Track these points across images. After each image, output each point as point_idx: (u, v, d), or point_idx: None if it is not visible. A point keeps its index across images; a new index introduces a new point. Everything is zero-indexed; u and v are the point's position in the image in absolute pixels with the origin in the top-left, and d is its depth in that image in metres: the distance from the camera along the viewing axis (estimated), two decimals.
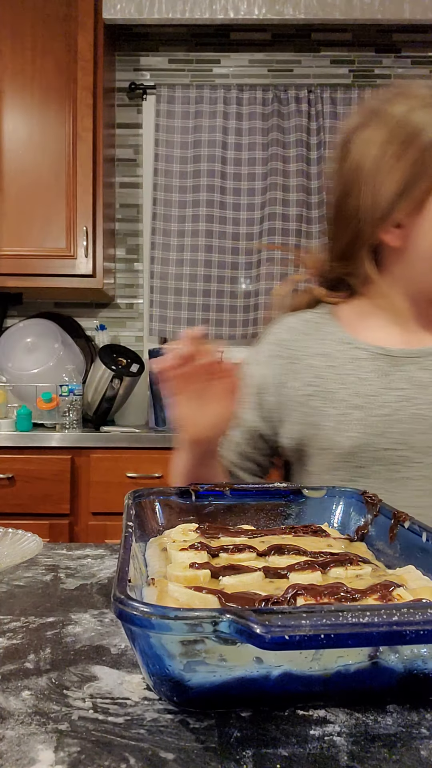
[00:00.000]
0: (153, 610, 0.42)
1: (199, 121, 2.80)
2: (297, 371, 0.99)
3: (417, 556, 0.63)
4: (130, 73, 2.91)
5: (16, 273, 2.54)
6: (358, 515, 0.76)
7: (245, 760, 0.41)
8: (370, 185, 0.91)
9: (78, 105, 2.54)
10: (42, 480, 2.26)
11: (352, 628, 0.40)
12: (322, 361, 0.98)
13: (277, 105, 2.79)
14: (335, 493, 0.80)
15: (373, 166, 0.91)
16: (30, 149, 2.56)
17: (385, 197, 0.90)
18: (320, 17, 2.57)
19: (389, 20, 2.60)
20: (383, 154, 0.90)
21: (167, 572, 0.58)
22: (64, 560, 0.86)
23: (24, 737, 0.44)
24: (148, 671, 0.47)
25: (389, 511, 0.70)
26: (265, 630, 0.39)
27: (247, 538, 0.69)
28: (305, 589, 0.51)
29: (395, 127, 0.90)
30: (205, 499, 0.79)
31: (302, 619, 0.40)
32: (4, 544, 0.81)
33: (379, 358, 0.95)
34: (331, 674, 0.45)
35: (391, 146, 0.89)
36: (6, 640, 0.60)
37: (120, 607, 0.43)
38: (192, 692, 0.45)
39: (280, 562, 0.61)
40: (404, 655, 0.46)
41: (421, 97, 0.91)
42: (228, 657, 0.44)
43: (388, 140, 0.90)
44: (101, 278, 2.56)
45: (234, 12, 2.58)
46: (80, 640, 0.60)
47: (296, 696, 0.47)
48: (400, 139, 0.89)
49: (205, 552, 0.62)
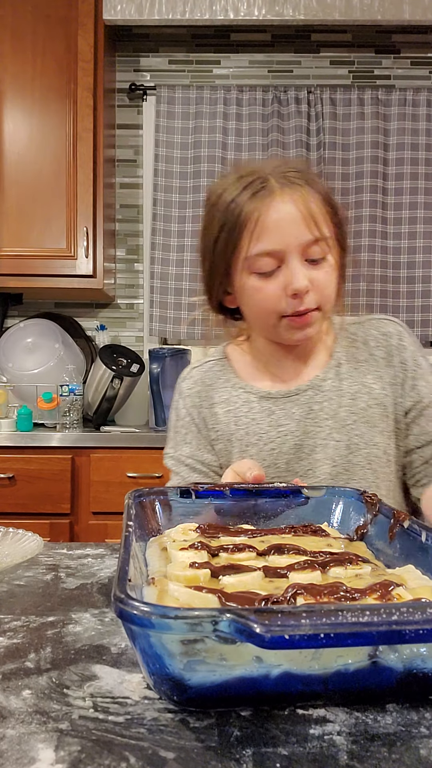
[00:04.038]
0: (153, 609, 0.42)
1: (199, 121, 2.80)
2: (207, 418, 1.10)
3: (416, 555, 0.63)
4: (130, 74, 2.91)
5: (16, 273, 2.54)
6: (358, 515, 0.77)
7: (245, 759, 0.41)
8: (202, 261, 1.04)
9: (78, 106, 2.54)
10: (42, 480, 2.26)
11: (351, 627, 0.40)
12: (223, 407, 1.09)
13: (276, 106, 2.79)
14: (335, 492, 0.81)
15: (200, 245, 1.04)
16: (30, 150, 2.56)
17: (206, 275, 1.04)
18: (320, 18, 2.57)
19: (389, 21, 2.61)
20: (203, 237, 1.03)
21: (167, 572, 0.58)
22: (64, 560, 0.86)
23: (24, 736, 0.44)
24: (148, 671, 0.47)
25: (389, 511, 0.70)
26: (264, 629, 0.39)
27: (247, 537, 0.69)
28: (305, 588, 0.51)
29: (211, 211, 1.00)
30: (206, 498, 0.79)
31: (302, 618, 0.40)
32: (4, 543, 0.81)
33: (264, 400, 1.07)
34: (330, 673, 0.46)
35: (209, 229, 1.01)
36: (6, 640, 0.60)
37: (120, 606, 0.43)
38: (192, 691, 0.45)
39: (279, 562, 0.61)
40: (404, 654, 0.46)
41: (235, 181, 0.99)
42: (228, 656, 0.44)
43: (204, 226, 1.02)
44: (101, 278, 2.56)
45: (234, 13, 2.58)
46: (80, 639, 0.60)
47: (296, 695, 0.47)
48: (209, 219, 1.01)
49: (205, 551, 0.62)
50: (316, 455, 1.04)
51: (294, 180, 0.95)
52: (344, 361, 1.07)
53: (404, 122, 2.78)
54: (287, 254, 0.94)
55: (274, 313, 0.97)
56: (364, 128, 2.79)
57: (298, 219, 0.93)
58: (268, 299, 0.96)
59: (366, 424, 1.03)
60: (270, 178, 0.95)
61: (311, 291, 0.95)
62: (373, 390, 1.05)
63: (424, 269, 2.78)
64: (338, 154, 2.80)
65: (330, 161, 2.79)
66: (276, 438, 1.05)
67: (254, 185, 0.95)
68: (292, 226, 0.93)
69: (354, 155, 2.79)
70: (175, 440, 1.12)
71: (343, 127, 2.80)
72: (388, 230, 2.79)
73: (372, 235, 2.77)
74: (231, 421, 1.08)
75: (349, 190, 2.79)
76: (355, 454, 1.02)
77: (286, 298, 0.95)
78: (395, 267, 2.79)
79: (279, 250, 0.94)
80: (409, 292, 2.79)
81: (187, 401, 1.12)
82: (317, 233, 0.94)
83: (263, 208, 0.93)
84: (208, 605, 0.49)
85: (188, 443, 1.10)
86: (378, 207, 2.78)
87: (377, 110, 2.78)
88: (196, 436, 1.10)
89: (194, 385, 1.12)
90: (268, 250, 0.94)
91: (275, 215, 0.93)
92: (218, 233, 0.97)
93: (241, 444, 1.06)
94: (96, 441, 2.30)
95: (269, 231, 0.93)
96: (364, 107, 2.79)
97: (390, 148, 2.79)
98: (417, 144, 2.77)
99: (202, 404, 1.11)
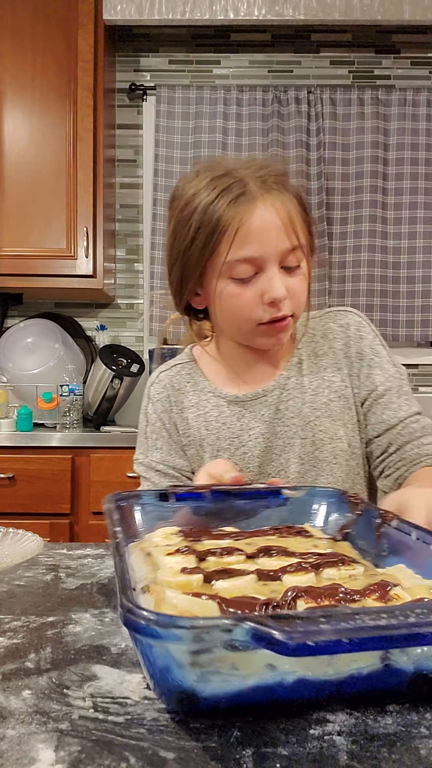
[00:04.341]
0: (169, 620, 0.40)
1: (199, 122, 2.80)
2: (177, 423, 1.09)
3: (405, 554, 0.63)
4: (130, 74, 2.91)
5: (16, 273, 2.54)
6: (339, 515, 0.77)
7: (245, 760, 0.41)
8: (172, 263, 1.02)
9: (78, 106, 2.54)
10: (42, 480, 2.26)
11: (373, 631, 0.39)
12: (193, 412, 1.09)
13: (276, 106, 2.79)
14: (315, 493, 0.81)
15: (169, 246, 1.02)
16: (30, 150, 2.56)
17: (176, 277, 1.01)
18: (320, 18, 2.57)
19: (389, 21, 2.61)
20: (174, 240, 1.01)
21: (157, 578, 0.57)
22: (64, 560, 0.86)
23: (24, 736, 0.44)
24: (159, 683, 0.45)
25: (374, 511, 0.70)
26: (287, 636, 0.38)
27: (231, 540, 0.68)
28: (305, 591, 0.51)
29: (183, 212, 0.98)
30: (185, 501, 0.78)
31: (322, 623, 0.39)
32: (4, 543, 0.81)
33: (234, 404, 1.07)
34: (344, 678, 0.45)
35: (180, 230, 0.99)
36: (6, 640, 0.60)
37: (132, 618, 0.41)
38: (205, 703, 0.44)
39: (271, 565, 0.60)
40: (414, 655, 0.46)
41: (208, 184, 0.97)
42: (240, 665, 0.43)
43: (174, 228, 1.00)
44: (101, 278, 2.56)
45: (234, 13, 2.58)
46: (80, 639, 0.60)
47: (309, 702, 0.46)
48: (183, 223, 0.98)
49: (193, 556, 0.62)
50: (286, 455, 1.04)
51: (272, 185, 0.95)
52: (305, 357, 1.07)
53: (404, 122, 2.78)
54: (266, 262, 0.94)
55: (250, 320, 0.97)
56: (364, 128, 2.79)
57: (279, 227, 0.93)
58: (245, 306, 0.96)
59: (329, 419, 1.03)
60: (249, 183, 0.94)
61: (287, 299, 0.95)
62: (334, 383, 1.05)
63: (424, 269, 2.78)
64: (338, 154, 2.80)
65: (330, 161, 2.79)
66: (247, 441, 1.05)
67: (233, 189, 0.94)
68: (273, 234, 0.93)
69: (354, 155, 2.79)
70: (145, 446, 1.11)
71: (343, 127, 2.80)
72: (388, 230, 2.79)
73: (372, 235, 2.77)
74: (202, 426, 1.07)
75: (349, 190, 2.79)
76: (321, 450, 1.03)
77: (262, 305, 0.95)
78: (395, 267, 2.79)
79: (258, 257, 0.93)
80: (409, 292, 2.79)
81: (157, 406, 1.11)
82: (296, 241, 0.94)
83: (245, 215, 0.92)
84: (208, 612, 0.48)
85: (159, 449, 1.10)
86: (378, 207, 2.78)
87: (377, 110, 2.78)
88: (167, 441, 1.10)
89: (163, 390, 1.11)
90: (247, 257, 0.93)
91: (257, 223, 0.92)
92: (194, 236, 0.96)
93: (213, 449, 1.06)
94: (96, 441, 2.30)
95: (250, 238, 0.92)
96: (364, 107, 2.79)
97: (390, 148, 2.79)
98: (417, 144, 2.78)
99: (172, 409, 1.10)
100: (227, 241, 0.93)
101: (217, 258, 0.95)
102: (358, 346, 1.06)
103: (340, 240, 2.80)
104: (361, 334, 1.06)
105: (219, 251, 0.94)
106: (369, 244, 2.77)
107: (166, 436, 1.10)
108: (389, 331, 2.79)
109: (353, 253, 2.79)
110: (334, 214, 2.80)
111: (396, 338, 2.80)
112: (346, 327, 1.07)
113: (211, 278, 0.97)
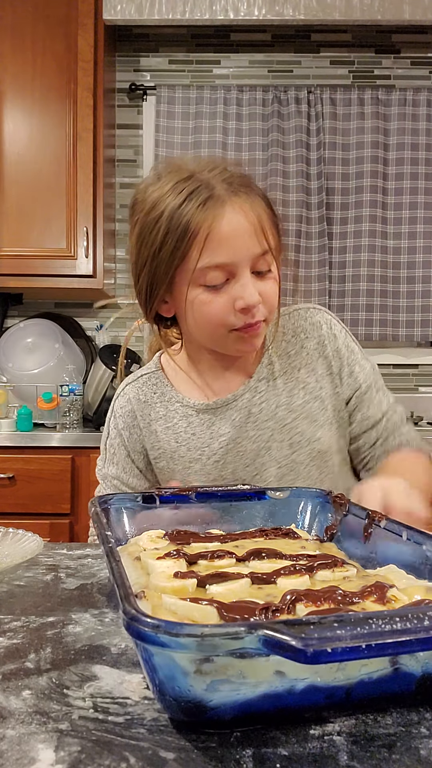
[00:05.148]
0: (179, 629, 0.39)
1: (199, 121, 2.80)
2: (145, 437, 1.07)
3: (394, 554, 0.62)
4: (130, 74, 2.91)
5: (16, 273, 2.54)
6: (325, 515, 0.77)
7: (245, 760, 0.41)
8: (139, 270, 0.99)
9: (78, 105, 2.54)
10: (42, 480, 2.26)
11: (390, 636, 0.39)
12: (161, 424, 1.06)
13: (276, 106, 2.79)
14: (299, 493, 0.81)
15: (135, 253, 0.99)
16: (30, 150, 2.56)
17: (144, 285, 0.99)
18: (320, 18, 2.57)
19: (389, 21, 2.60)
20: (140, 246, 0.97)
21: (150, 583, 0.56)
22: (64, 560, 0.86)
23: (24, 737, 0.44)
24: (163, 692, 0.44)
25: (361, 511, 0.70)
26: (303, 643, 0.37)
27: (220, 543, 0.68)
28: (303, 594, 0.50)
29: (148, 216, 0.95)
30: (170, 503, 0.78)
31: (336, 629, 0.38)
32: (4, 543, 0.81)
33: (203, 412, 1.05)
34: (354, 683, 0.45)
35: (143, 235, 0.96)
36: (6, 640, 0.60)
37: (138, 626, 0.40)
38: (212, 713, 0.43)
39: (262, 568, 0.60)
40: (423, 658, 0.45)
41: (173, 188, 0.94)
42: (248, 672, 0.42)
43: (139, 233, 0.97)
44: (101, 278, 2.56)
45: (234, 13, 2.58)
46: (80, 639, 0.60)
47: (319, 707, 0.45)
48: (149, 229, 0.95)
49: (183, 560, 0.61)
50: (261, 459, 1.02)
51: (239, 188, 0.93)
52: (276, 358, 1.05)
53: (404, 122, 2.78)
54: (238, 267, 0.92)
55: (222, 326, 0.94)
56: (364, 128, 2.79)
57: (250, 231, 0.91)
58: (218, 313, 0.93)
59: (306, 420, 1.02)
60: (215, 186, 0.92)
61: (260, 304, 0.93)
62: (308, 384, 1.04)
63: (424, 269, 2.78)
64: (338, 154, 2.80)
65: (330, 161, 2.79)
66: (219, 449, 1.03)
67: (200, 193, 0.91)
68: (243, 239, 0.91)
69: (354, 155, 2.79)
70: (104, 456, 1.10)
71: (343, 127, 2.80)
72: (388, 230, 2.79)
73: (372, 235, 2.77)
74: (171, 439, 1.05)
75: (349, 190, 2.79)
76: (298, 453, 1.02)
77: (235, 311, 0.93)
78: (395, 267, 2.79)
79: (230, 263, 0.91)
80: (409, 292, 2.79)
81: (119, 422, 1.08)
82: (266, 245, 0.92)
83: (214, 220, 0.90)
84: (208, 617, 0.48)
85: (115, 464, 1.08)
86: (378, 207, 2.78)
87: (377, 110, 2.78)
88: (123, 459, 1.08)
89: (127, 404, 1.08)
90: (219, 264, 0.91)
91: (227, 228, 0.90)
92: (162, 241, 0.92)
93: (184, 461, 1.04)
94: (96, 441, 2.30)
95: (221, 244, 0.90)
96: (364, 107, 2.79)
97: (390, 148, 2.79)
98: (417, 144, 2.78)
99: (138, 424, 1.07)
100: (197, 247, 0.90)
101: (187, 265, 0.92)
102: (334, 345, 1.05)
103: (340, 240, 2.80)
104: (335, 333, 1.06)
105: (189, 257, 0.92)
106: (369, 244, 2.77)
107: (123, 453, 1.08)
108: (389, 331, 2.79)
109: (353, 253, 2.79)
110: (334, 214, 2.80)
111: (396, 338, 2.80)
112: (318, 325, 1.06)
113: (181, 286, 0.95)
